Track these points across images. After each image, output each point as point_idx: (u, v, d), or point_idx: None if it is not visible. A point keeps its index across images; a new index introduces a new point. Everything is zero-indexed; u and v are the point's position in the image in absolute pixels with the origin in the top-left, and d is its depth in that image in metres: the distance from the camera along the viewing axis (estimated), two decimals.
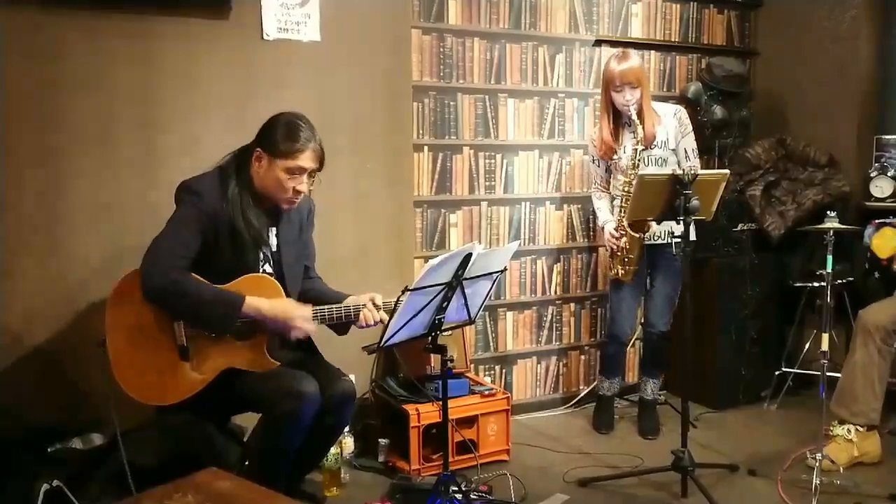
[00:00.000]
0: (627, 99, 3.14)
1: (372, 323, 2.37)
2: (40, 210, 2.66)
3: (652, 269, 3.36)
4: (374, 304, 2.37)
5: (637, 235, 3.14)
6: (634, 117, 3.13)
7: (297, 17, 3.01)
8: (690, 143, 3.32)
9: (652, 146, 3.21)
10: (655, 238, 3.26)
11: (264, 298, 2.26)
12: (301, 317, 2.29)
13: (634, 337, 3.71)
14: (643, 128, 3.14)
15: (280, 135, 2.30)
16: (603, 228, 3.31)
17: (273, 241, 2.44)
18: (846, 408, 3.05)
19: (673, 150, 3.28)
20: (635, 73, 3.15)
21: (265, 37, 2.96)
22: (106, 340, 2.23)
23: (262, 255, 2.40)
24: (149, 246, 2.23)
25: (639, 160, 3.15)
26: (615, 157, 3.26)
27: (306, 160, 2.32)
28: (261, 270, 2.38)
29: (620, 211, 3.21)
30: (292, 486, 2.52)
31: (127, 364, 2.24)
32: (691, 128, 3.34)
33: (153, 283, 2.18)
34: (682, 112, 3.34)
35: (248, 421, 2.61)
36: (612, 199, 3.37)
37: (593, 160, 3.38)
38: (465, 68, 3.46)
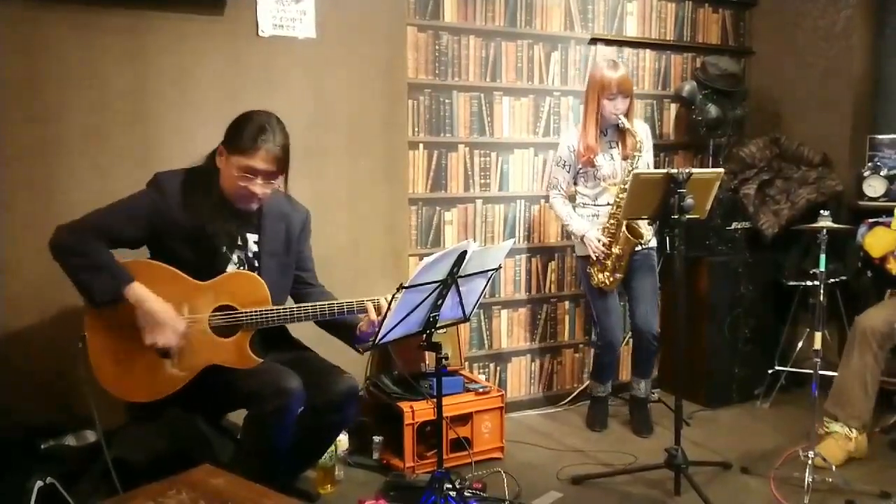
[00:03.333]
0: (619, 108, 3.19)
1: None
2: (33, 205, 2.66)
3: (628, 273, 3.36)
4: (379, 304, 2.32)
5: (635, 241, 3.17)
6: (627, 125, 3.18)
7: (292, 14, 3.00)
8: (651, 159, 3.43)
9: (641, 154, 3.23)
10: (642, 246, 3.29)
11: (154, 297, 2.19)
12: (172, 328, 2.20)
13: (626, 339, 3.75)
14: (637, 136, 3.18)
15: (239, 131, 2.25)
16: (583, 238, 3.28)
17: (252, 246, 2.41)
18: (841, 409, 3.07)
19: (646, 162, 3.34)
20: (630, 83, 3.22)
21: (260, 33, 2.96)
22: (85, 338, 2.23)
23: (235, 259, 2.36)
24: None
25: (635, 166, 3.16)
26: (596, 164, 3.27)
27: (259, 161, 2.22)
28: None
29: (610, 218, 3.23)
30: (288, 482, 2.52)
31: (106, 362, 2.23)
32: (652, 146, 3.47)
33: (61, 236, 2.18)
34: (648, 128, 3.44)
35: (241, 418, 2.61)
36: (574, 206, 3.39)
37: (564, 165, 3.34)
38: (460, 66, 3.46)
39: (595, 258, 3.28)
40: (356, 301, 2.34)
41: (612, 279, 3.28)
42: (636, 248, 3.28)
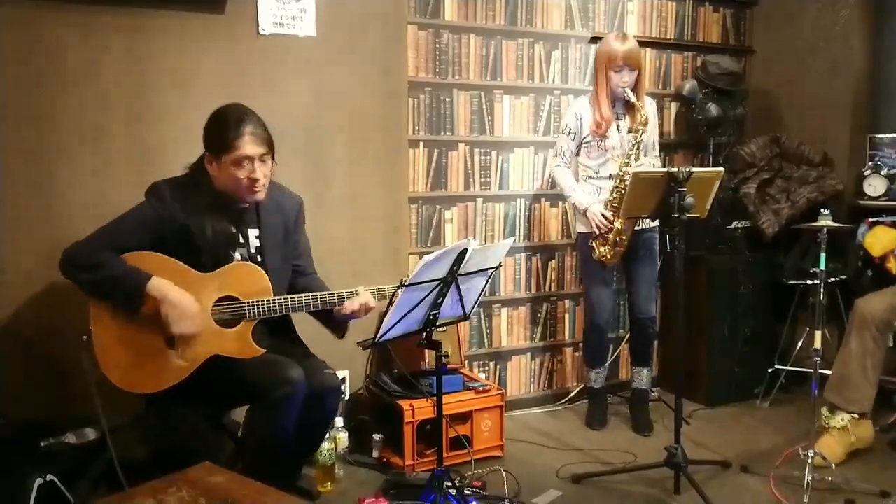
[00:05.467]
0: (625, 80, 3.18)
1: (356, 307, 2.34)
2: (33, 205, 2.66)
3: (628, 256, 3.35)
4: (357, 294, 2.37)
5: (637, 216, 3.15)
6: (633, 98, 3.16)
7: (292, 12, 3.00)
8: (656, 135, 3.43)
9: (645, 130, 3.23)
10: (642, 223, 3.29)
11: (176, 287, 2.23)
12: (192, 318, 2.24)
13: (623, 338, 3.75)
14: (643, 110, 3.18)
15: (217, 131, 2.30)
16: (586, 211, 3.25)
17: (253, 241, 2.44)
18: (840, 395, 3.06)
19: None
20: (638, 56, 3.21)
21: (261, 31, 2.96)
22: (91, 331, 2.25)
23: (238, 257, 2.39)
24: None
25: (640, 140, 3.18)
26: (607, 136, 3.26)
27: (248, 147, 2.27)
28: None
29: (613, 192, 3.22)
30: (288, 481, 2.52)
31: (113, 355, 2.25)
32: (658, 122, 3.46)
33: (70, 254, 2.23)
34: (654, 105, 3.43)
35: (242, 417, 2.61)
36: (576, 177, 3.39)
37: (570, 132, 3.33)
38: (460, 64, 3.46)
39: (597, 232, 3.27)
40: (356, 291, 2.38)
41: (612, 252, 3.27)
42: (637, 227, 3.27)
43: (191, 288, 2.27)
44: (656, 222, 3.36)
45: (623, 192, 3.13)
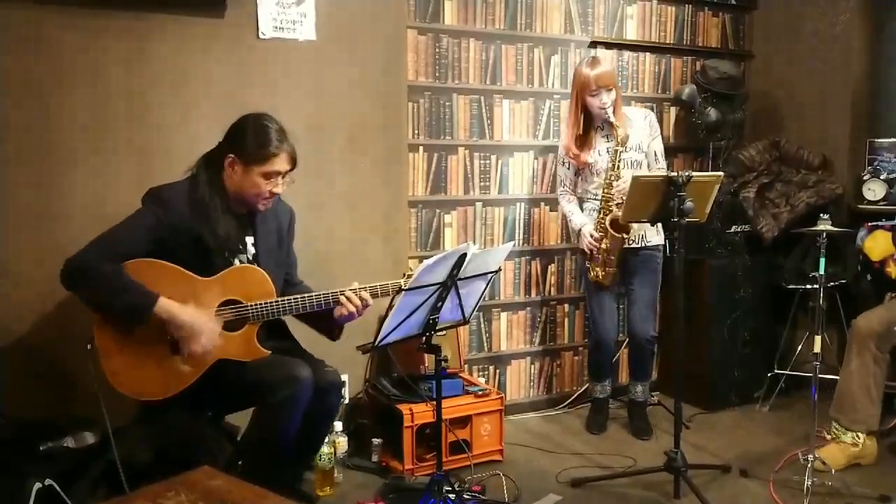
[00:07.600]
0: (604, 102, 3.19)
1: (358, 303, 2.35)
2: (34, 206, 2.66)
3: (628, 275, 3.37)
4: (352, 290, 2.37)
5: (619, 235, 3.18)
6: (613, 119, 3.17)
7: (292, 16, 3.01)
8: (659, 146, 3.40)
9: (627, 148, 3.22)
10: (631, 242, 3.29)
11: (183, 305, 2.22)
12: (208, 334, 2.25)
13: (623, 342, 3.75)
14: (620, 129, 3.18)
15: (252, 141, 2.31)
16: (580, 232, 3.30)
17: (251, 248, 2.45)
18: (845, 416, 3.06)
19: (645, 153, 3.33)
20: (610, 77, 3.22)
21: (261, 35, 2.96)
22: (94, 338, 2.24)
23: (237, 263, 2.39)
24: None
25: (619, 160, 3.18)
26: (590, 160, 3.28)
27: (281, 164, 2.33)
28: None
29: (600, 212, 3.24)
30: (288, 484, 2.52)
31: (117, 361, 2.25)
32: (660, 132, 3.43)
33: (73, 265, 2.18)
34: (652, 116, 3.43)
35: (241, 420, 2.61)
36: (581, 202, 3.41)
37: (563, 162, 3.38)
38: (460, 69, 3.46)
39: (589, 253, 3.28)
40: (360, 287, 2.39)
41: (604, 273, 3.28)
42: (634, 246, 3.29)
43: (194, 293, 2.26)
44: (659, 238, 3.36)
45: (609, 212, 3.18)
